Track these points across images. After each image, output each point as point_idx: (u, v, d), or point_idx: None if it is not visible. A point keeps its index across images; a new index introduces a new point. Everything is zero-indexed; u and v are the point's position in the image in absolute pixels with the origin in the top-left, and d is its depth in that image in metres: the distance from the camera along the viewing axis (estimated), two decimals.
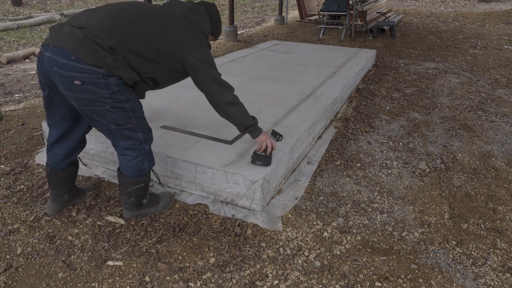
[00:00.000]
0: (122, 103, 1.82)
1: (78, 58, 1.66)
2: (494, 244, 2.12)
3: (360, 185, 2.64)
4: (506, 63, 6.07)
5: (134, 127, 1.92)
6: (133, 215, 2.23)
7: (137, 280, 1.83)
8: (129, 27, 1.79)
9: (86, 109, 1.80)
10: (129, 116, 1.88)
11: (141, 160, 2.03)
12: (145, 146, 2.02)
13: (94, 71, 1.68)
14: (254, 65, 4.70)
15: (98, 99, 1.75)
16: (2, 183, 2.60)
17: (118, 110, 1.82)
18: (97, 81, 1.70)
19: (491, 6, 13.57)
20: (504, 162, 3.01)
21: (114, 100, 1.78)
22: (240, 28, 9.40)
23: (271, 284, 1.82)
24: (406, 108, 4.09)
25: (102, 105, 1.78)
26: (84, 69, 1.67)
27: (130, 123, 1.89)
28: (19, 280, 1.84)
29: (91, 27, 1.72)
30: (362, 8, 8.39)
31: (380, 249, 2.06)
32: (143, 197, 2.20)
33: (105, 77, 1.71)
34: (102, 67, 1.69)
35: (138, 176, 2.07)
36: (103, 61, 1.69)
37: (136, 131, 1.94)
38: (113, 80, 1.74)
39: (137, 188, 2.11)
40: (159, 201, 2.30)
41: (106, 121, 1.85)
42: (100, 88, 1.72)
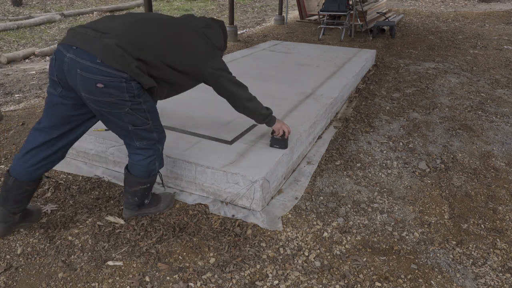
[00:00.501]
0: (140, 105, 1.86)
1: (104, 61, 1.69)
2: (494, 244, 2.12)
3: (360, 185, 2.64)
4: (506, 63, 6.07)
5: (151, 127, 1.97)
6: (133, 214, 2.23)
7: (137, 280, 1.83)
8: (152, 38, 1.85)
9: (105, 111, 1.82)
10: (147, 117, 1.92)
11: (152, 161, 2.05)
12: (159, 146, 2.06)
13: (118, 75, 1.72)
14: (254, 65, 4.70)
15: (119, 102, 1.79)
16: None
17: (137, 111, 1.87)
18: (119, 85, 1.74)
19: (491, 6, 13.57)
20: (504, 162, 3.01)
21: (133, 102, 1.82)
22: (240, 28, 9.40)
23: (271, 284, 1.82)
24: (406, 108, 4.09)
25: (122, 108, 1.81)
26: (108, 73, 1.70)
27: (147, 123, 1.94)
28: (19, 280, 1.84)
29: (118, 35, 1.76)
30: (362, 8, 8.39)
31: (380, 249, 2.06)
32: (146, 197, 2.21)
33: (127, 81, 1.75)
34: (126, 72, 1.73)
35: (147, 177, 2.08)
36: (128, 67, 1.73)
37: (152, 132, 1.98)
38: (134, 84, 1.78)
39: (143, 188, 2.12)
40: (160, 201, 2.30)
41: (124, 123, 1.89)
42: (122, 91, 1.76)
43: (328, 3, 8.08)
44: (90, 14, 11.05)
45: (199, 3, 14.18)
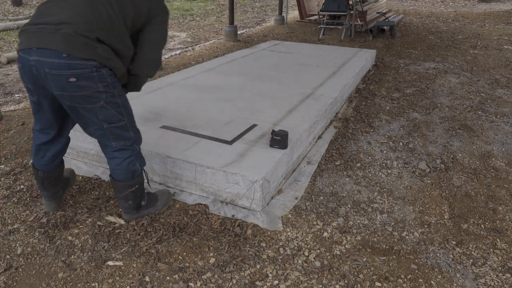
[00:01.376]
0: (115, 98, 1.83)
1: (70, 54, 1.65)
2: (494, 244, 2.12)
3: (360, 185, 2.64)
4: (506, 63, 6.07)
5: (126, 125, 1.93)
6: (133, 217, 2.22)
7: (137, 280, 1.83)
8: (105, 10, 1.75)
9: (80, 107, 1.78)
10: (122, 113, 1.88)
11: (131, 162, 2.01)
12: (136, 146, 2.02)
13: (88, 65, 1.68)
14: (254, 65, 4.70)
15: (93, 94, 1.75)
16: (2, 183, 2.61)
17: (112, 106, 1.83)
18: (91, 75, 1.70)
19: (491, 6, 13.57)
20: (504, 162, 3.01)
21: (108, 94, 1.79)
22: (240, 28, 9.40)
23: (271, 284, 1.82)
24: (406, 108, 4.09)
25: (97, 101, 1.77)
26: (78, 65, 1.66)
27: (122, 120, 1.90)
28: (19, 280, 1.84)
29: (72, 22, 1.68)
30: (362, 8, 8.39)
31: (380, 249, 2.06)
32: (141, 199, 2.19)
33: (98, 70, 1.71)
34: (94, 59, 1.68)
35: (131, 179, 2.05)
36: (94, 52, 1.68)
37: (128, 130, 1.95)
38: (105, 72, 1.74)
39: (133, 191, 2.09)
40: (157, 200, 2.29)
41: (99, 120, 1.84)
42: (95, 82, 1.72)
43: (328, 3, 8.08)
44: None
45: (199, 3, 14.17)
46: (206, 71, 4.42)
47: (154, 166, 2.53)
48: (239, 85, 3.89)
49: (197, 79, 4.06)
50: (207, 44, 7.52)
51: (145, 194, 2.23)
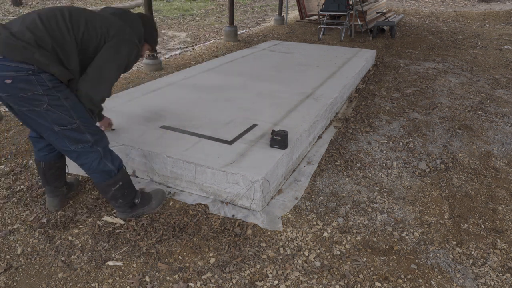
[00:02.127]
0: (60, 101, 1.79)
1: (6, 57, 1.66)
2: (494, 244, 2.12)
3: (360, 185, 2.64)
4: (506, 63, 6.07)
5: (80, 127, 1.87)
6: (128, 216, 2.22)
7: (137, 280, 1.83)
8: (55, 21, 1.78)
9: (26, 110, 1.78)
10: (71, 116, 1.83)
11: (100, 163, 1.98)
12: (97, 148, 1.97)
13: (23, 68, 1.68)
14: (254, 65, 4.70)
15: (34, 97, 1.73)
16: (2, 183, 2.61)
17: (58, 108, 1.79)
18: (28, 78, 1.69)
19: (491, 6, 13.57)
20: (504, 162, 3.01)
21: (50, 97, 1.76)
22: (240, 28, 9.40)
23: (271, 284, 1.82)
24: (406, 108, 4.09)
25: (40, 104, 1.76)
26: (12, 67, 1.67)
27: (73, 123, 1.85)
28: (19, 280, 1.84)
29: (16, 26, 1.72)
30: (362, 8, 8.39)
31: (380, 249, 2.06)
32: (133, 197, 2.18)
33: (35, 74, 1.70)
34: (32, 64, 1.68)
35: (109, 178, 2.03)
36: (31, 57, 1.68)
37: (83, 133, 1.90)
38: (45, 76, 1.73)
39: (118, 189, 2.07)
40: (152, 199, 2.29)
41: (48, 123, 1.82)
42: (33, 85, 1.71)
43: (328, 3, 8.08)
44: None
45: (199, 3, 14.17)
46: (206, 71, 4.42)
47: (154, 166, 2.53)
48: (239, 85, 3.89)
49: (197, 79, 4.06)
50: (207, 44, 7.52)
51: (137, 192, 2.22)
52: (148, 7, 5.15)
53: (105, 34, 1.88)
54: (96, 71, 1.87)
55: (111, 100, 3.40)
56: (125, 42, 1.93)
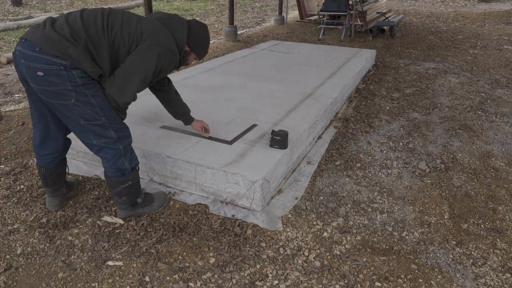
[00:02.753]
0: (88, 98, 1.83)
1: (42, 49, 1.70)
2: (494, 244, 2.12)
3: (360, 185, 2.64)
4: (506, 63, 6.07)
5: (105, 124, 1.92)
6: (128, 215, 2.23)
7: (137, 280, 1.83)
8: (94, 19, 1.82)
9: (54, 102, 1.83)
10: (97, 112, 1.87)
11: (118, 160, 2.02)
12: (119, 145, 2.00)
13: (56, 63, 1.72)
14: (254, 65, 4.70)
15: (62, 91, 1.78)
16: (2, 183, 2.61)
17: (85, 104, 1.83)
18: (59, 72, 1.73)
19: (491, 6, 13.57)
20: (504, 162, 3.01)
21: (78, 93, 1.80)
22: (240, 28, 9.40)
23: (271, 284, 1.82)
24: (406, 108, 4.09)
25: (68, 98, 1.80)
26: (46, 60, 1.71)
27: (99, 119, 1.89)
28: (19, 280, 1.84)
29: (60, 20, 1.78)
30: (362, 8, 8.39)
31: (380, 249, 2.06)
32: (137, 196, 2.21)
33: (67, 69, 1.73)
34: (65, 59, 1.72)
35: (121, 176, 2.07)
36: (66, 52, 1.71)
37: (107, 129, 1.94)
38: (76, 73, 1.76)
39: (126, 187, 2.11)
40: (154, 201, 2.30)
41: (75, 116, 1.87)
42: (63, 80, 1.75)
43: (328, 3, 8.08)
44: None
45: (199, 3, 14.17)
46: (206, 71, 4.42)
47: (154, 166, 2.53)
48: (239, 85, 3.89)
49: (197, 79, 4.06)
50: None
51: (141, 192, 2.25)
52: (148, 7, 5.15)
53: (138, 37, 1.86)
54: (122, 75, 1.86)
55: None
56: (157, 46, 1.88)
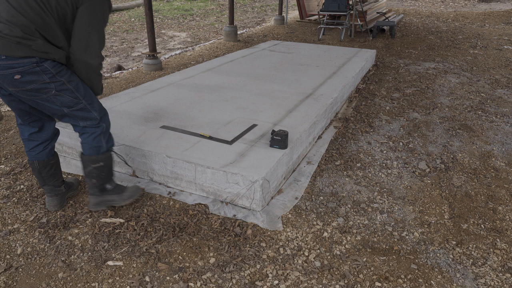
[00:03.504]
0: (65, 85, 1.92)
1: (8, 56, 1.76)
2: (494, 244, 2.12)
3: (360, 185, 2.64)
4: (506, 63, 6.07)
5: (86, 107, 2.03)
6: (97, 201, 2.25)
7: (137, 280, 1.83)
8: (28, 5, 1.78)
9: (36, 99, 1.91)
10: (77, 97, 1.98)
11: (97, 137, 2.12)
12: (103, 124, 2.13)
13: (26, 62, 1.79)
14: (254, 65, 4.70)
15: (42, 86, 1.86)
16: (2, 183, 2.61)
17: (64, 92, 1.93)
18: (33, 70, 1.81)
19: (491, 6, 13.57)
20: (504, 162, 3.01)
21: (56, 83, 1.89)
22: (240, 28, 9.40)
23: (271, 284, 1.82)
24: (406, 108, 4.09)
25: (48, 91, 1.89)
26: (17, 64, 1.78)
27: (80, 103, 2.00)
28: (19, 280, 1.84)
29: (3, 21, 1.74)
30: (362, 8, 8.39)
31: (380, 249, 2.06)
32: (107, 182, 2.25)
33: (39, 64, 1.81)
34: (33, 56, 1.79)
35: (96, 153, 2.14)
36: (29, 50, 1.77)
37: (89, 111, 2.05)
38: (48, 64, 1.84)
39: (97, 168, 2.16)
40: (124, 191, 2.33)
41: (58, 107, 1.96)
42: (39, 75, 1.83)
43: (328, 3, 8.07)
44: None
45: (199, 3, 14.17)
46: (206, 71, 4.42)
47: (154, 166, 2.53)
48: (239, 85, 3.89)
49: (197, 79, 4.06)
50: (207, 44, 7.52)
51: (112, 179, 2.29)
52: (148, 7, 5.15)
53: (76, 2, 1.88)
54: (81, 37, 1.92)
55: (111, 100, 3.40)
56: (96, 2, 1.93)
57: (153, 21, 5.27)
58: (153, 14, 5.84)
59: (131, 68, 5.79)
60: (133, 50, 7.17)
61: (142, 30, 8.98)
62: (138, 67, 5.74)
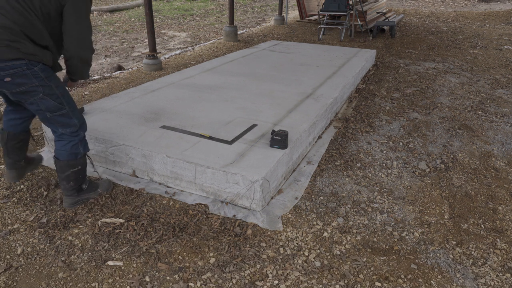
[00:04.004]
0: (53, 89, 2.00)
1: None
2: (494, 244, 2.12)
3: (360, 185, 2.64)
4: (506, 63, 6.07)
5: (68, 113, 2.10)
6: (74, 201, 2.31)
7: (137, 280, 1.83)
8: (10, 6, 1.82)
9: (23, 101, 1.97)
10: (62, 102, 2.06)
11: (75, 145, 2.18)
12: (81, 132, 2.21)
13: (17, 65, 1.83)
14: (254, 65, 4.70)
15: (31, 89, 1.92)
16: (2, 183, 2.60)
17: (51, 97, 2.00)
18: (24, 73, 1.86)
19: (491, 6, 13.57)
20: (504, 162, 3.00)
21: (45, 87, 1.95)
22: (240, 28, 9.40)
23: (271, 284, 1.82)
24: (406, 108, 4.09)
25: (36, 94, 1.94)
26: (7, 66, 1.82)
27: (63, 109, 2.07)
28: (19, 280, 1.84)
29: None
30: (362, 8, 8.39)
31: (380, 249, 2.06)
32: (82, 182, 2.31)
33: (29, 67, 1.86)
34: (23, 58, 1.83)
35: (74, 159, 2.19)
36: (18, 52, 1.82)
37: (71, 118, 2.13)
38: (38, 68, 1.90)
39: (75, 171, 2.22)
40: (98, 187, 2.41)
41: (42, 110, 2.03)
42: (29, 78, 1.88)
43: (328, 3, 8.07)
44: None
45: (199, 3, 14.17)
46: (206, 71, 4.42)
47: (154, 166, 2.53)
48: (239, 85, 3.89)
49: (197, 79, 4.06)
50: (207, 44, 7.52)
51: (86, 179, 2.36)
52: (148, 7, 5.15)
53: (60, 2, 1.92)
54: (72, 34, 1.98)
55: (111, 100, 3.40)
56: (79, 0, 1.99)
57: (153, 21, 5.27)
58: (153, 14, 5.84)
59: (131, 68, 5.79)
60: (133, 50, 7.17)
61: (142, 30, 8.98)
62: (138, 67, 5.74)
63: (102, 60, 6.43)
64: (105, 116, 3.02)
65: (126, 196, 2.46)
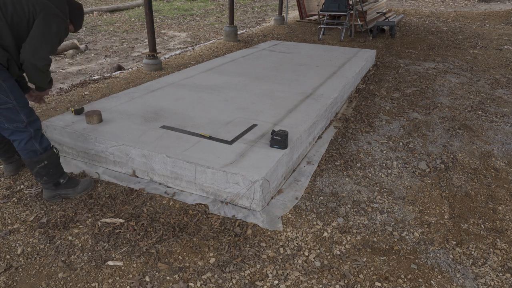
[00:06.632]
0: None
1: None
2: (494, 244, 2.12)
3: (360, 185, 2.64)
4: (506, 63, 6.07)
5: (15, 108, 2.11)
6: (52, 194, 2.35)
7: (137, 280, 1.83)
8: None
9: None
10: (8, 96, 2.08)
11: (29, 142, 2.18)
12: (30, 129, 2.19)
13: None
14: (254, 65, 4.70)
15: None
16: (2, 183, 2.61)
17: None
18: None
19: (491, 6, 13.57)
20: (504, 162, 3.00)
21: None
22: (240, 28, 9.40)
23: (271, 284, 1.82)
24: (406, 108, 4.09)
25: None
26: None
27: (9, 102, 2.09)
28: (19, 280, 1.84)
29: None
30: (362, 8, 8.39)
31: (380, 249, 2.06)
32: (59, 177, 2.34)
33: None
34: None
35: (35, 156, 2.21)
36: None
37: (18, 113, 2.13)
38: None
39: (42, 167, 2.25)
40: (78, 184, 2.43)
41: None
42: None
43: (328, 3, 8.07)
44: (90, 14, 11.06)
45: (199, 3, 14.17)
46: (206, 71, 4.42)
47: (154, 166, 2.53)
48: (239, 85, 3.89)
49: (197, 79, 4.06)
50: (207, 44, 7.52)
51: (64, 174, 2.38)
52: (148, 7, 5.15)
53: (32, 12, 2.06)
54: (32, 43, 2.05)
55: (111, 100, 3.40)
56: (53, 16, 2.11)
57: (153, 21, 5.27)
58: (153, 14, 5.84)
59: (131, 68, 5.79)
60: (133, 50, 7.17)
61: (142, 30, 8.98)
62: (138, 67, 5.74)
63: (102, 60, 6.43)
64: (105, 116, 3.02)
65: (126, 196, 2.46)
